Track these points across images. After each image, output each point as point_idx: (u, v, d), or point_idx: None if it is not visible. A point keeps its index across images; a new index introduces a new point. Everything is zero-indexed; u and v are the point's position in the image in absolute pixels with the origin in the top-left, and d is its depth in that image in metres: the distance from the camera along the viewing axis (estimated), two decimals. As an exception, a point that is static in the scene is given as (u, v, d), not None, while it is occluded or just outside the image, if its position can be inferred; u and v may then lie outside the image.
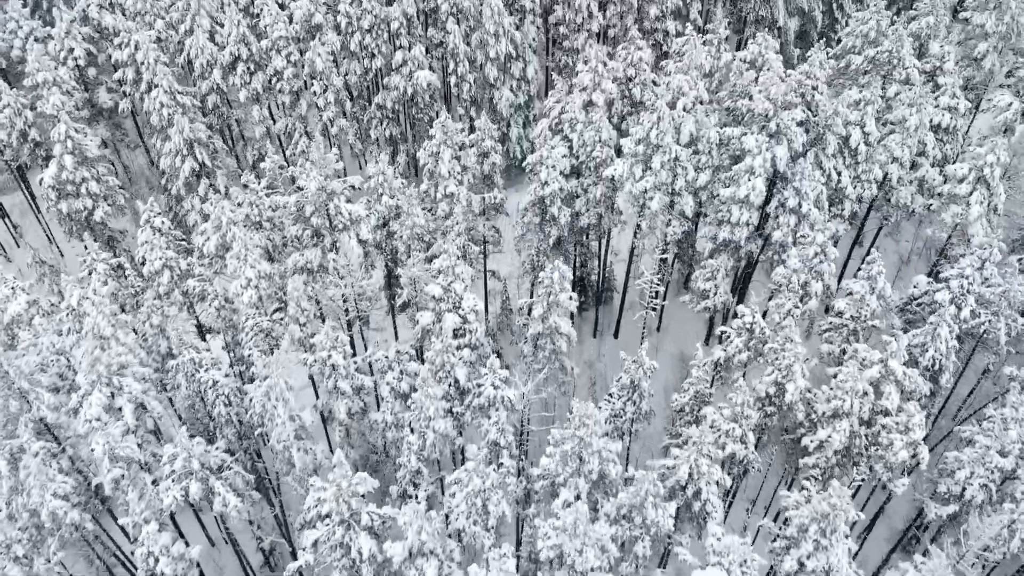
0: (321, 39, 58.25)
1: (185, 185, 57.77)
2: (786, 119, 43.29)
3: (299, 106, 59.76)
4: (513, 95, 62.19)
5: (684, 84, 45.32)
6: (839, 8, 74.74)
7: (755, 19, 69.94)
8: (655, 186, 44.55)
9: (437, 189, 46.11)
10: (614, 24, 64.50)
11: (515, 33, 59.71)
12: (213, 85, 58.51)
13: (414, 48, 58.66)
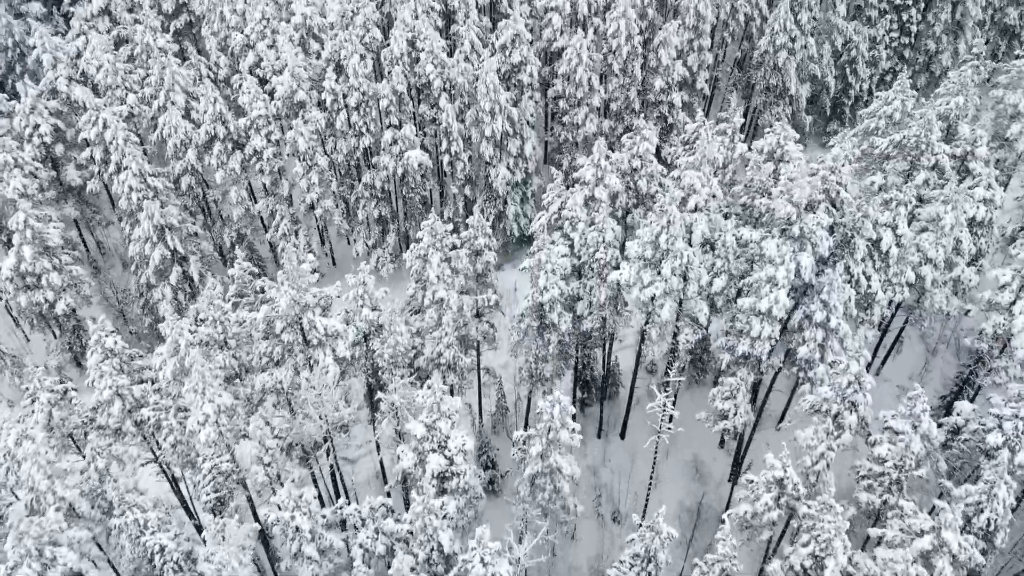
0: (304, 117, 54.03)
1: (156, 273, 53.26)
2: (811, 223, 38.77)
3: (281, 186, 55.41)
4: (510, 172, 57.90)
5: (696, 181, 40.89)
6: (852, 73, 70.84)
7: (765, 87, 65.90)
8: (665, 292, 39.91)
9: (425, 294, 41.47)
10: (616, 97, 60.40)
11: (512, 110, 55.56)
12: (187, 166, 54.21)
13: (405, 126, 54.44)
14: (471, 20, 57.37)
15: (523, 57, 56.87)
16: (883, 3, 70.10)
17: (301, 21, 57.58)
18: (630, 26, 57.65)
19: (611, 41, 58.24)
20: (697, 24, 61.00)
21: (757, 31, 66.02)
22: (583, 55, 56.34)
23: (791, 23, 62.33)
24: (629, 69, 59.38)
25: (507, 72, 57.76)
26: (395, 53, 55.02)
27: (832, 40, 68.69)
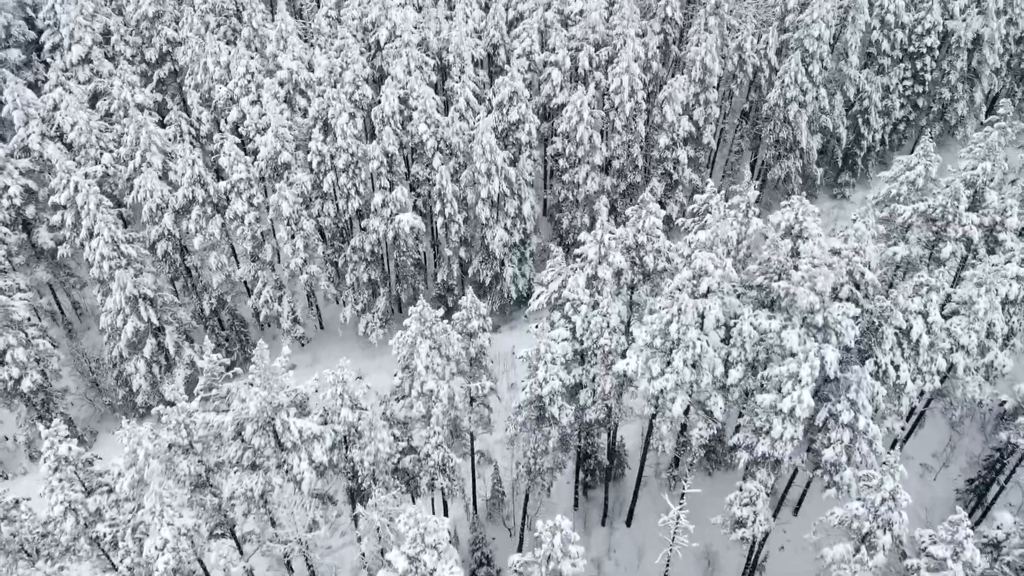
0: (289, 179, 50.74)
1: (128, 346, 49.73)
2: (836, 313, 35.29)
3: (264, 251, 51.98)
4: (507, 233, 54.52)
5: (709, 263, 37.38)
6: (865, 123, 67.75)
7: (775, 140, 62.73)
8: (676, 385, 36.33)
9: (413, 384, 37.85)
10: (619, 155, 57.20)
11: (509, 169, 52.28)
12: (164, 231, 50.78)
13: (396, 188, 51.13)
14: (467, 76, 54.27)
15: (521, 115, 53.69)
16: (896, 51, 67.17)
17: (287, 76, 54.52)
18: (633, 82, 54.61)
19: (613, 97, 55.16)
20: (703, 77, 57.92)
21: (766, 82, 62.99)
22: (584, 113, 53.19)
23: (802, 75, 59.30)
24: (632, 126, 56.27)
25: (504, 130, 54.56)
26: (386, 112, 51.85)
27: (844, 90, 65.66)
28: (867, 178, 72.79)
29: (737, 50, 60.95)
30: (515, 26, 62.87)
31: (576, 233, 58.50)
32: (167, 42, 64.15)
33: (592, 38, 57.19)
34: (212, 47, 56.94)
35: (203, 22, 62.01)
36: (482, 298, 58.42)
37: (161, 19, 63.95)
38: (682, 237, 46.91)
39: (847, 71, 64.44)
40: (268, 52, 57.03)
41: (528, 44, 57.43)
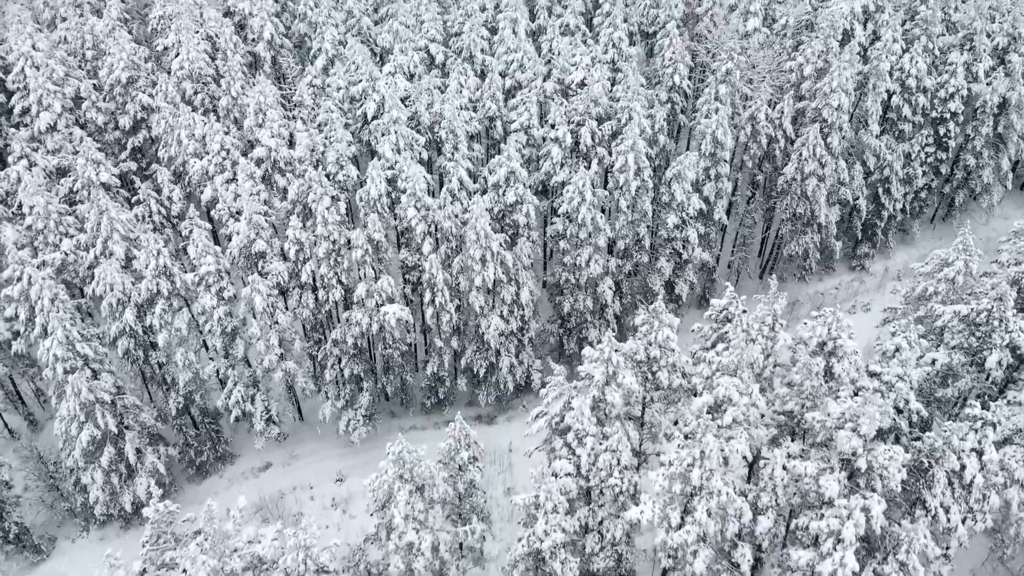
0: (264, 268, 46.03)
1: (84, 455, 44.71)
2: (882, 458, 30.31)
3: (235, 347, 47.09)
4: (504, 322, 49.70)
5: (733, 391, 32.54)
6: (886, 193, 63.21)
7: (791, 215, 58.14)
8: (699, 538, 31.24)
9: (390, 536, 32.72)
10: (624, 235, 52.52)
11: (505, 255, 47.61)
12: (125, 327, 45.93)
13: (382, 278, 46.40)
14: (460, 154, 49.81)
15: (519, 196, 49.14)
16: (917, 116, 62.86)
17: (265, 154, 50.07)
18: (639, 159, 50.09)
19: (618, 176, 50.62)
20: (715, 151, 53.47)
21: (781, 152, 58.56)
22: (586, 194, 48.54)
23: (821, 148, 54.87)
24: (638, 205, 51.67)
25: (500, 211, 49.98)
26: (372, 195, 47.33)
27: (864, 160, 61.22)
28: (887, 248, 68.13)
29: (750, 120, 56.58)
30: (513, 95, 58.65)
31: (579, 317, 53.72)
32: (142, 108, 59.85)
33: (594, 111, 52.84)
34: (186, 119, 52.59)
35: (179, 89, 57.77)
36: (476, 388, 53.54)
37: (135, 84, 59.71)
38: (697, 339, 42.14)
39: (867, 140, 60.05)
40: (247, 126, 52.61)
41: (526, 118, 53.08)
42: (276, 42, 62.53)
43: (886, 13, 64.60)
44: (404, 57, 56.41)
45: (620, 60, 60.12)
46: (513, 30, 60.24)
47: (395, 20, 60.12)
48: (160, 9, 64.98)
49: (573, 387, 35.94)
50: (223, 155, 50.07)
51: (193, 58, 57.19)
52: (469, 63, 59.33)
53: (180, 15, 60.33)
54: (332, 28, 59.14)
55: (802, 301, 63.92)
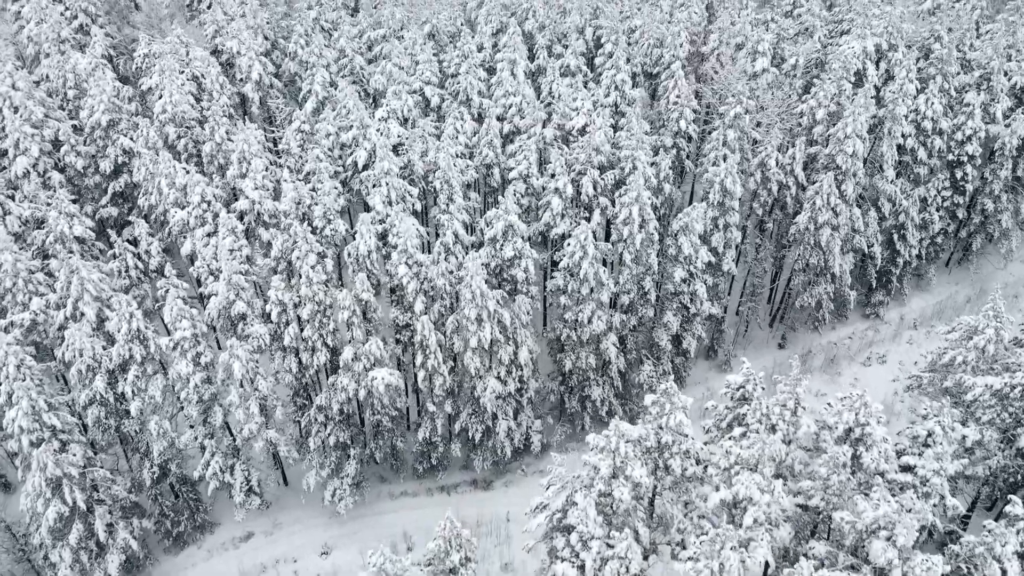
0: (244, 330, 42.91)
1: (51, 533, 41.34)
2: (919, 569, 26.99)
3: (214, 414, 43.86)
4: (501, 383, 46.54)
5: (754, 489, 29.31)
6: (901, 239, 60.25)
7: (804, 265, 55.09)
8: (714, 656, 27.85)
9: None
10: (628, 290, 49.43)
11: (503, 313, 44.54)
12: (95, 395, 42.73)
13: (370, 341, 43.28)
14: (455, 207, 46.86)
15: (517, 251, 46.12)
16: (933, 159, 59.97)
17: (248, 207, 47.08)
18: (644, 211, 47.13)
19: (622, 228, 47.63)
20: (723, 200, 50.52)
21: (792, 199, 55.60)
22: (588, 249, 45.51)
23: (835, 197, 51.91)
24: (644, 258, 48.61)
25: (498, 266, 46.94)
26: (361, 251, 44.33)
27: (879, 206, 58.26)
28: (902, 295, 65.04)
29: (760, 166, 53.69)
30: (511, 140, 55.83)
31: (581, 375, 50.52)
32: (123, 152, 57.04)
33: (596, 160, 49.93)
34: (166, 167, 49.67)
35: (161, 134, 54.94)
36: (472, 452, 50.27)
37: (117, 127, 56.91)
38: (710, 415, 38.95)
39: (882, 186, 57.13)
40: (229, 175, 49.68)
41: (525, 167, 50.18)
42: (265, 82, 59.80)
43: (899, 52, 61.92)
44: (397, 101, 53.61)
45: (623, 102, 57.33)
46: (511, 72, 57.53)
47: (388, 61, 57.43)
48: (145, 47, 62.35)
49: (576, 478, 32.68)
50: (204, 207, 47.11)
51: (176, 101, 54.39)
52: (466, 106, 56.55)
53: (164, 55, 57.62)
54: (322, 70, 56.42)
55: (815, 352, 60.76)
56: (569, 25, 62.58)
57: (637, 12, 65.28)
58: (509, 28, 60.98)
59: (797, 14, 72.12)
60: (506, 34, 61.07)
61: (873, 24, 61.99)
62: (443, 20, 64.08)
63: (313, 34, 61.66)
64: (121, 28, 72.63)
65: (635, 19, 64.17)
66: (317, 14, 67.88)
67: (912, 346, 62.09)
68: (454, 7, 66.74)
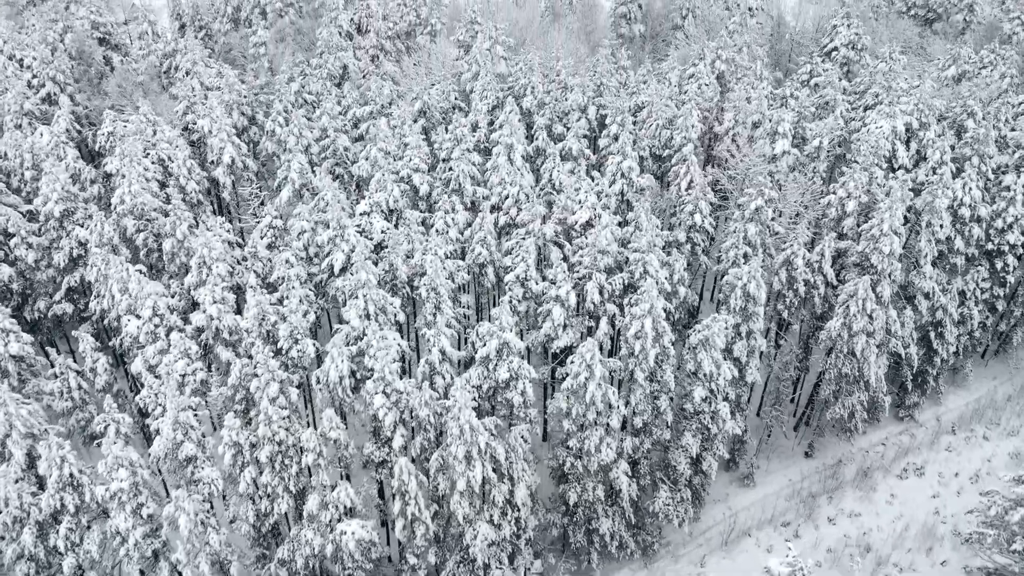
0: (193, 475, 36.35)
1: None
2: None
3: (159, 570, 37.07)
4: (494, 528, 39.82)
5: None
6: (939, 337, 53.93)
7: (836, 374, 48.60)
8: None
9: None
10: (642, 411, 42.92)
11: (496, 447, 38.10)
12: (23, 551, 35.99)
13: (339, 487, 36.69)
14: (443, 316, 40.61)
15: (513, 372, 39.77)
16: (971, 248, 53.87)
17: (205, 322, 40.77)
18: (658, 324, 40.86)
19: (633, 343, 41.30)
20: (746, 306, 44.25)
21: (820, 299, 49.34)
22: (595, 368, 39.14)
23: (872, 302, 45.66)
24: (658, 375, 42.23)
25: (491, 389, 40.54)
26: (331, 377, 38.01)
27: (915, 303, 51.98)
28: (937, 394, 58.48)
29: (785, 265, 47.55)
30: (507, 233, 49.86)
31: (588, 508, 43.80)
32: (79, 244, 50.95)
33: (603, 262, 43.80)
34: (118, 270, 43.55)
35: (119, 227, 48.95)
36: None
37: (72, 217, 50.95)
38: None
39: (920, 283, 50.89)
40: (189, 282, 43.51)
41: (523, 270, 44.00)
42: (238, 165, 54.01)
43: (931, 130, 56.20)
44: (382, 194, 47.67)
45: (629, 190, 51.43)
46: (508, 156, 51.69)
47: (374, 146, 51.63)
48: (110, 124, 56.67)
49: None
50: (156, 321, 40.86)
51: (136, 191, 48.49)
52: (458, 195, 50.60)
53: (127, 137, 51.83)
54: (300, 155, 50.58)
55: (845, 461, 54.09)
56: (571, 104, 56.97)
57: (643, 86, 59.72)
58: (506, 106, 55.32)
59: (815, 84, 66.73)
60: (503, 112, 55.43)
61: (902, 101, 56.33)
62: (434, 96, 58.52)
63: (293, 111, 56.01)
64: (92, 97, 67.16)
65: (641, 95, 58.57)
66: (300, 86, 62.44)
67: (952, 454, 55.39)
68: (447, 80, 61.25)
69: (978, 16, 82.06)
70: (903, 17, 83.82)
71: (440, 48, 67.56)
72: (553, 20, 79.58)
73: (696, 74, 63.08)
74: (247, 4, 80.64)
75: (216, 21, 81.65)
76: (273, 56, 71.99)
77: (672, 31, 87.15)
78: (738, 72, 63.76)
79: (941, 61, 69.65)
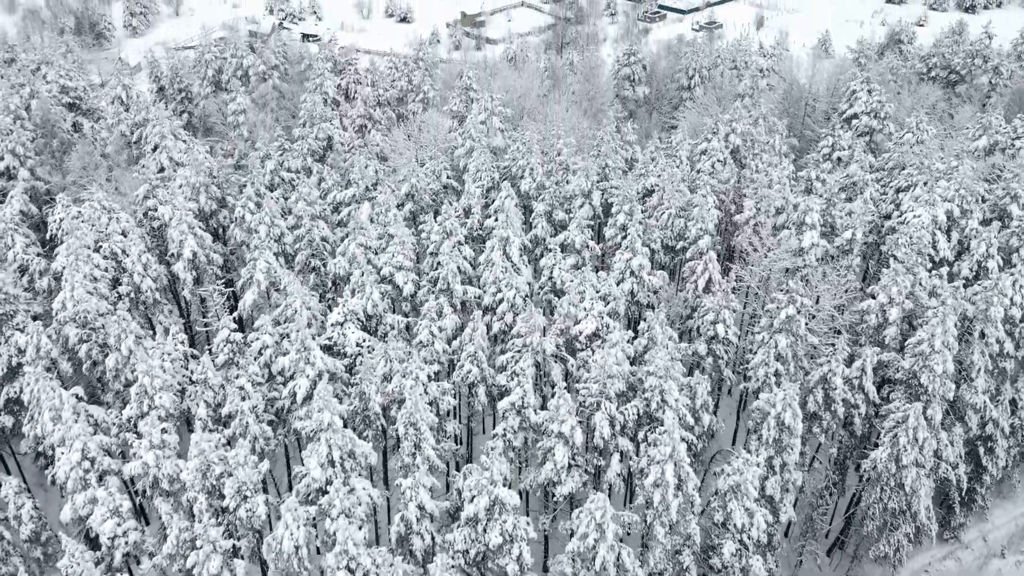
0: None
1: None
2: None
3: None
4: None
5: None
6: (988, 452, 46.75)
7: (882, 509, 41.27)
8: None
9: None
10: (662, 570, 35.58)
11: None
12: None
13: None
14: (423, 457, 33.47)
15: (507, 534, 32.54)
16: (1021, 350, 46.88)
17: (140, 471, 33.63)
18: (681, 469, 33.75)
19: (651, 491, 34.15)
20: (780, 436, 37.21)
21: (861, 419, 42.25)
22: (607, 528, 31.96)
23: (923, 430, 38.58)
24: (680, 527, 34.97)
25: (480, 554, 33.20)
26: (285, 547, 30.60)
27: (965, 420, 44.86)
28: (984, 510, 51.08)
29: (822, 384, 40.54)
30: (502, 341, 42.92)
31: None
32: (18, 352, 44.00)
33: (613, 387, 36.79)
34: (48, 395, 36.58)
35: (59, 337, 42.07)
36: None
37: (12, 321, 44.09)
38: None
39: (970, 398, 43.78)
40: (126, 416, 36.46)
41: (520, 396, 36.90)
42: (201, 260, 47.30)
43: (974, 219, 49.62)
44: (359, 300, 40.81)
45: (640, 290, 44.66)
46: (504, 251, 45.01)
47: (353, 240, 44.97)
48: (62, 211, 50.10)
49: None
50: (85, 467, 33.75)
51: (79, 297, 41.67)
52: (446, 295, 43.79)
53: (75, 231, 45.14)
54: (267, 252, 43.85)
55: (886, 593, 46.59)
56: (573, 188, 50.45)
57: (651, 165, 53.25)
58: (502, 190, 48.90)
59: (837, 157, 60.38)
60: (499, 196, 48.94)
61: (939, 185, 49.80)
62: (423, 177, 52.09)
63: (266, 196, 49.50)
64: (53, 172, 60.75)
65: (650, 177, 52.11)
66: (277, 163, 55.99)
67: (1006, 585, 47.95)
68: (439, 158, 54.84)
69: (1004, 78, 76.14)
70: (923, 79, 77.87)
71: (432, 119, 61.38)
72: (553, 85, 73.58)
73: (709, 150, 56.77)
74: (229, 67, 74.75)
75: (196, 84, 75.69)
76: (253, 125, 65.81)
77: (678, 92, 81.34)
78: (755, 147, 57.41)
79: (971, 130, 63.48)
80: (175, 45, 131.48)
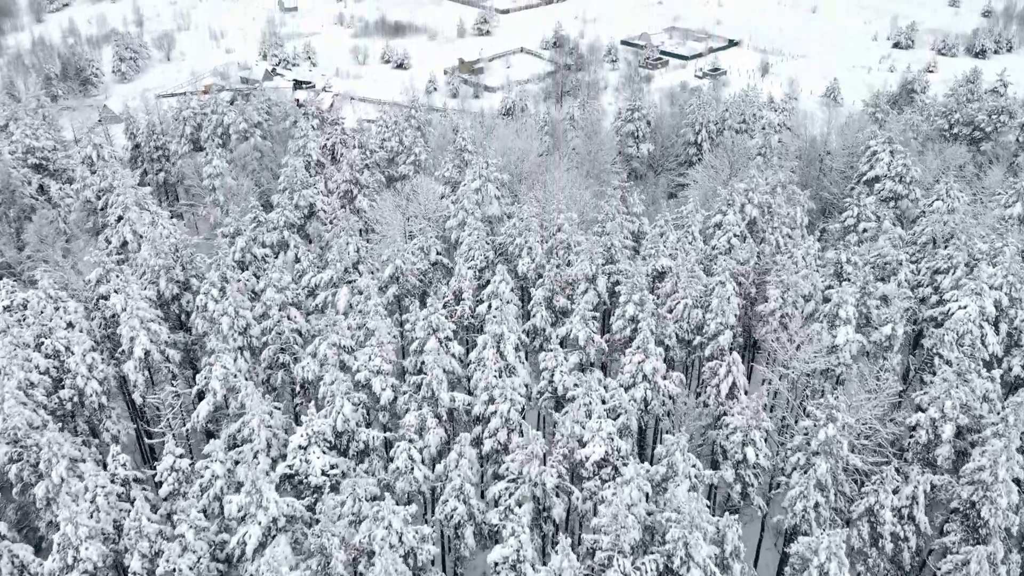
0: None
1: None
2: None
3: None
4: None
5: None
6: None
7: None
8: None
9: None
10: None
11: None
12: None
13: None
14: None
15: None
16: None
17: None
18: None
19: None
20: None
21: (911, 554, 35.71)
22: None
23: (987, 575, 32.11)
24: None
25: None
26: None
27: None
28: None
29: (867, 516, 34.12)
30: (494, 465, 36.56)
31: None
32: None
33: (627, 537, 30.35)
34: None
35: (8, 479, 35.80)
36: None
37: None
38: None
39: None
40: (49, 568, 30.01)
41: (514, 550, 30.35)
42: (155, 358, 41.17)
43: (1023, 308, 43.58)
44: (325, 420, 34.56)
45: (654, 396, 38.42)
46: (498, 348, 38.89)
47: (324, 340, 38.90)
48: (6, 297, 44.07)
49: None
50: None
51: (10, 411, 35.46)
52: (431, 404, 37.57)
53: (11, 328, 39.10)
54: (226, 358, 37.66)
55: None
56: (576, 272, 44.49)
57: (662, 243, 47.31)
58: (497, 275, 43.03)
59: (862, 228, 54.54)
60: (493, 281, 43.04)
61: (986, 272, 43.81)
62: (409, 257, 46.22)
63: (232, 281, 43.55)
64: (8, 245, 55.00)
65: (660, 258, 46.19)
66: (250, 239, 50.15)
67: None
68: (428, 234, 48.98)
69: (1030, 136, 70.63)
70: (945, 137, 72.35)
71: (424, 185, 55.62)
72: (553, 144, 68.01)
73: (724, 224, 50.94)
74: (209, 123, 69.29)
75: (174, 142, 70.19)
76: (230, 189, 60.12)
77: (685, 148, 75.85)
78: (774, 220, 51.57)
79: (1004, 196, 57.81)
80: (163, 92, 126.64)
